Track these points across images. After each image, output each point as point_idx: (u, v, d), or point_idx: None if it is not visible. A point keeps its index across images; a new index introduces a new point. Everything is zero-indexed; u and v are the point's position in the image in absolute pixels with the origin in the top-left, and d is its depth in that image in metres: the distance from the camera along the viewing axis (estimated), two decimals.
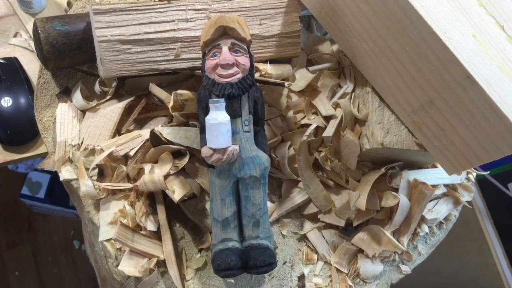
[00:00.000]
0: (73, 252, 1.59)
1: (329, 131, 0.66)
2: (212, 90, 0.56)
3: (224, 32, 0.56)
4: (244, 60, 0.56)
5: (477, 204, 1.23)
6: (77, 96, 0.64)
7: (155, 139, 0.62)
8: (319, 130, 0.70)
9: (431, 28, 0.53)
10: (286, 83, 0.63)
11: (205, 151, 0.55)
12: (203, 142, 0.57)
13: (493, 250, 1.19)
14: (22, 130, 0.71)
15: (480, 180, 1.22)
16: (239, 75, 0.56)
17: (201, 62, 0.59)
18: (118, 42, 0.60)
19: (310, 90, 0.70)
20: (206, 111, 0.57)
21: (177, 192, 0.59)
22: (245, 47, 0.57)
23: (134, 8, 0.60)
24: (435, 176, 0.73)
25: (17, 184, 1.58)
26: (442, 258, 0.75)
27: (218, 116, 0.54)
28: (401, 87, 0.61)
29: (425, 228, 0.71)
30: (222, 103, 0.54)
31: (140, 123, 0.66)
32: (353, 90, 0.71)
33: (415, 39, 0.55)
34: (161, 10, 0.61)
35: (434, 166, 0.75)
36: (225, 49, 0.55)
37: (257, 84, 0.60)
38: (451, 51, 0.53)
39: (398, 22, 0.55)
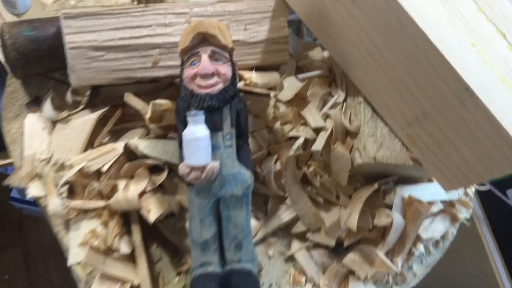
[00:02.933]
0: (64, 256, 1.56)
1: (318, 145, 0.64)
2: (190, 101, 0.53)
3: (203, 39, 0.53)
4: (225, 69, 0.53)
5: (475, 211, 1.22)
6: (48, 106, 0.61)
7: (130, 153, 0.59)
8: (308, 142, 0.67)
9: (426, 34, 0.51)
10: (272, 94, 0.60)
11: (182, 169, 0.52)
12: (182, 157, 0.54)
13: (491, 257, 1.19)
14: None
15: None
16: (220, 86, 0.53)
17: (180, 69, 0.56)
18: (90, 49, 0.57)
19: (299, 100, 0.67)
20: (185, 123, 0.54)
21: (153, 211, 0.56)
22: (227, 55, 0.54)
23: (107, 12, 0.57)
24: (431, 191, 0.71)
25: (7, 187, 1.56)
26: (439, 265, 0.73)
27: (196, 131, 0.51)
28: (394, 98, 0.59)
29: (421, 247, 0.68)
30: (201, 116, 0.51)
31: (115, 135, 0.63)
32: (345, 100, 0.69)
33: (409, 47, 0.53)
34: (137, 14, 0.58)
35: (430, 180, 0.72)
36: (204, 57, 0.53)
37: (241, 94, 0.57)
38: (448, 61, 0.50)
39: (390, 28, 0.53)
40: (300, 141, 0.61)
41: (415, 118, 0.58)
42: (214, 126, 0.53)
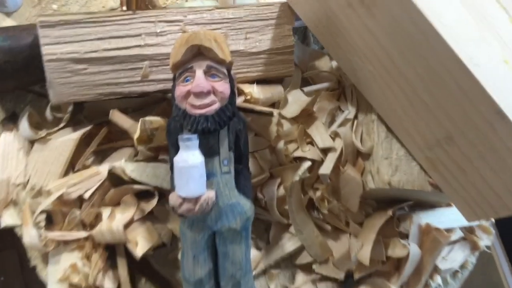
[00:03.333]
0: None
1: (326, 168, 0.58)
2: (183, 123, 0.47)
3: (198, 52, 0.47)
4: (222, 87, 0.47)
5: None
6: (24, 124, 0.55)
7: (116, 178, 0.53)
8: (315, 164, 0.61)
9: (453, 51, 0.44)
10: (275, 112, 0.54)
11: (173, 199, 0.46)
12: (173, 185, 0.48)
13: (500, 268, 1.16)
14: None
15: None
16: (217, 105, 0.47)
17: (172, 85, 0.50)
18: (71, 61, 0.51)
19: (305, 116, 0.61)
20: (177, 146, 0.48)
21: (141, 244, 0.50)
22: (224, 70, 0.48)
23: (90, 20, 0.51)
24: (450, 217, 0.65)
25: None
26: None
27: (188, 158, 0.45)
28: (413, 118, 0.53)
29: (438, 279, 0.63)
30: (194, 141, 0.46)
31: (100, 156, 0.57)
32: (356, 116, 0.63)
33: (433, 64, 0.47)
34: (124, 22, 0.52)
35: (449, 205, 0.66)
36: (199, 73, 0.46)
37: (240, 112, 0.51)
38: (478, 80, 0.44)
39: (411, 42, 0.46)
40: (306, 165, 0.55)
41: (436, 141, 0.52)
42: (209, 151, 0.48)
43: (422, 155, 0.55)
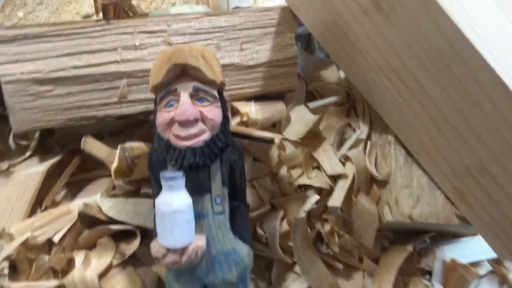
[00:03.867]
0: None
1: (337, 199, 0.50)
2: (166, 157, 0.40)
3: (183, 71, 0.39)
4: (212, 113, 0.40)
5: None
6: None
7: (90, 217, 0.45)
8: (322, 192, 0.53)
9: (490, 66, 0.37)
10: (277, 138, 0.46)
11: (155, 250, 0.39)
12: (155, 230, 0.41)
13: None
14: None
15: None
16: (206, 135, 0.40)
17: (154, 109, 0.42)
18: (33, 82, 0.43)
19: (311, 137, 0.54)
20: (160, 183, 0.40)
21: None
22: (215, 93, 0.40)
23: (55, 32, 0.43)
24: (476, 249, 0.58)
25: None
26: None
27: (173, 200, 0.38)
28: (440, 144, 0.45)
29: None
30: (179, 180, 0.38)
31: (74, 188, 0.50)
32: (369, 136, 0.55)
33: (465, 81, 0.39)
34: (97, 34, 0.45)
35: (473, 233, 0.59)
36: (184, 97, 0.39)
37: (235, 140, 0.44)
38: None
39: (438, 55, 0.39)
40: (314, 199, 0.47)
41: (466, 170, 0.45)
42: (199, 188, 0.41)
43: (449, 184, 0.48)
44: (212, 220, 0.41)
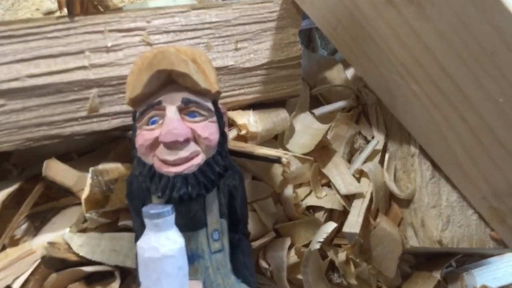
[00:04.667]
0: None
1: (353, 223, 0.43)
2: (149, 187, 0.32)
3: (168, 79, 0.32)
4: (207, 130, 0.32)
5: None
6: None
7: (56, 260, 0.37)
8: (333, 212, 0.46)
9: None
10: (285, 157, 0.39)
11: None
12: (138, 277, 0.33)
13: None
14: None
15: None
16: (200, 158, 0.32)
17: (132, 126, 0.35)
18: None
19: (319, 150, 0.46)
20: (142, 218, 0.33)
21: None
22: (209, 105, 0.33)
23: (5, 33, 0.35)
24: (507, 270, 0.52)
25: None
26: None
27: (160, 244, 0.31)
28: (479, 159, 0.39)
29: None
30: (167, 217, 0.31)
31: (37, 221, 0.42)
32: (385, 147, 0.48)
33: None
34: (58, 34, 0.37)
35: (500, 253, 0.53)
36: (171, 112, 0.32)
37: (233, 160, 0.37)
38: None
39: (489, 56, 0.32)
40: (330, 228, 0.40)
41: (509, 189, 0.38)
42: (192, 222, 0.35)
43: (486, 204, 0.41)
44: (209, 261, 0.34)
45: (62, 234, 0.39)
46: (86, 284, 0.39)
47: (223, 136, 0.34)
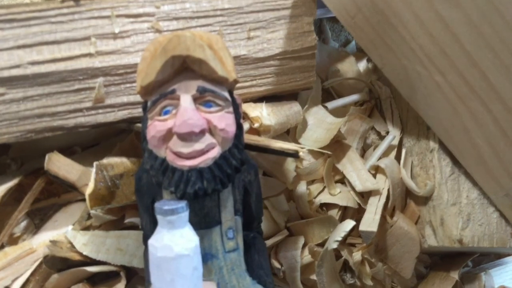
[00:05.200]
0: None
1: (370, 222, 0.41)
2: (162, 181, 0.30)
3: (183, 66, 0.30)
4: (224, 121, 0.30)
5: None
6: None
7: (58, 259, 0.35)
8: (347, 210, 0.45)
9: None
10: (302, 151, 0.37)
11: None
12: (149, 278, 0.31)
13: None
14: None
15: None
16: (216, 151, 0.30)
17: (141, 117, 0.33)
18: None
19: (333, 144, 0.44)
20: (153, 210, 0.31)
21: None
22: (226, 94, 0.31)
23: (6, 17, 0.33)
24: None
25: None
26: None
27: (174, 242, 0.29)
28: (504, 155, 0.37)
29: None
30: (181, 213, 0.29)
31: (37, 218, 0.40)
32: (401, 142, 0.47)
33: None
34: (63, 18, 0.34)
35: None
36: (186, 101, 0.30)
37: (248, 154, 0.35)
38: None
39: None
40: (349, 226, 0.38)
41: None
42: (205, 219, 0.33)
43: (508, 201, 0.40)
44: (224, 261, 0.33)
45: (64, 232, 0.37)
46: (90, 285, 0.37)
47: (239, 128, 0.32)
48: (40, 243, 0.37)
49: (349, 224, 0.39)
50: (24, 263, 0.36)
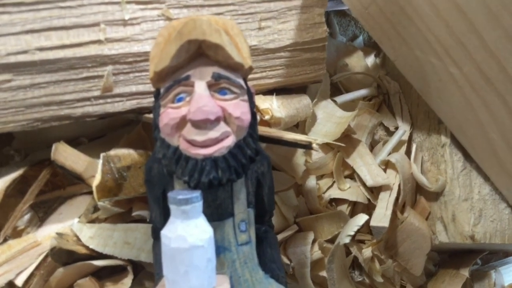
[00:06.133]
0: None
1: (381, 217, 0.41)
2: (175, 170, 0.29)
3: (198, 52, 0.29)
4: (239, 109, 0.30)
5: None
6: None
7: (64, 252, 0.34)
8: (356, 205, 0.44)
9: None
10: (315, 143, 0.36)
11: None
12: (160, 270, 0.31)
13: None
14: None
15: None
16: (231, 140, 0.30)
17: (152, 105, 0.32)
18: None
19: (342, 139, 0.44)
20: (164, 202, 0.30)
21: None
22: (241, 82, 0.30)
23: (15, 0, 0.32)
24: None
25: None
26: None
27: (188, 233, 0.28)
28: None
29: None
30: (196, 203, 0.28)
31: (42, 211, 0.39)
32: (410, 137, 0.46)
33: None
34: (72, 3, 0.34)
35: None
36: (200, 87, 0.29)
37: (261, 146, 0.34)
38: None
39: None
40: (362, 221, 0.38)
41: None
42: (217, 211, 0.32)
43: None
44: (236, 254, 0.32)
45: (70, 225, 0.36)
46: (96, 280, 0.36)
47: (254, 117, 0.31)
48: (45, 236, 0.36)
49: (362, 218, 0.38)
50: (29, 256, 0.35)
